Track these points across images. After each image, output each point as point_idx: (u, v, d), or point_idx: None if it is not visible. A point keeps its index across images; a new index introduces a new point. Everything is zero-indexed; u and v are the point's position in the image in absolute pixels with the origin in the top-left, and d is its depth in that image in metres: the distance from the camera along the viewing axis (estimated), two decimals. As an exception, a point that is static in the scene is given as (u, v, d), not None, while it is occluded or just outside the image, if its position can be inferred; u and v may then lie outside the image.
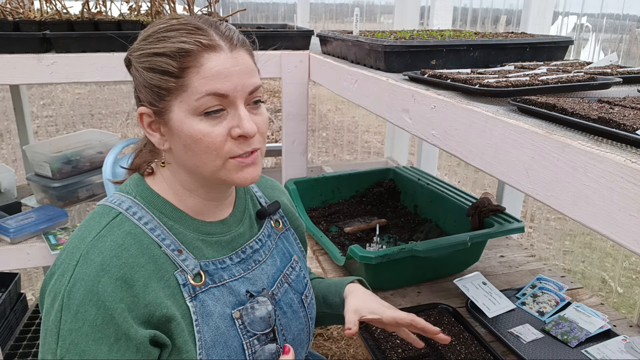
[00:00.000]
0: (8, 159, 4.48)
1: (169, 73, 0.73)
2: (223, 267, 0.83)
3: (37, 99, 6.18)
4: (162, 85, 0.74)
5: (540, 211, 3.82)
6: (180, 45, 0.72)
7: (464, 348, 1.21)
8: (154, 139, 0.79)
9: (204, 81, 0.72)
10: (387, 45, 1.15)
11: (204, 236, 0.83)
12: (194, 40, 0.72)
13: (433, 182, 1.88)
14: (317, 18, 4.57)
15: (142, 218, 0.78)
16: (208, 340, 0.77)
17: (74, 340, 0.69)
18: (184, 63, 0.72)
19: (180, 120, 0.74)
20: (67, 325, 0.69)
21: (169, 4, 1.64)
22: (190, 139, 0.74)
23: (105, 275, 0.71)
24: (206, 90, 0.72)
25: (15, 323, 2.05)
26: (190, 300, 0.77)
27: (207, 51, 0.73)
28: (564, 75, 0.94)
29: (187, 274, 0.77)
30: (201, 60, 0.72)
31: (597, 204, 0.58)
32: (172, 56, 0.72)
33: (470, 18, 3.48)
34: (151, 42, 0.75)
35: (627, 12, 2.98)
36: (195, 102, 0.73)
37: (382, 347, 1.22)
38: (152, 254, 0.76)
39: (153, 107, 0.76)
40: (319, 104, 6.22)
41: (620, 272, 3.17)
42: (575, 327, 1.27)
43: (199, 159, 0.76)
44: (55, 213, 1.69)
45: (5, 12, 1.48)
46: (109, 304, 0.69)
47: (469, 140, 0.82)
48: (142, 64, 0.75)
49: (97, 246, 0.73)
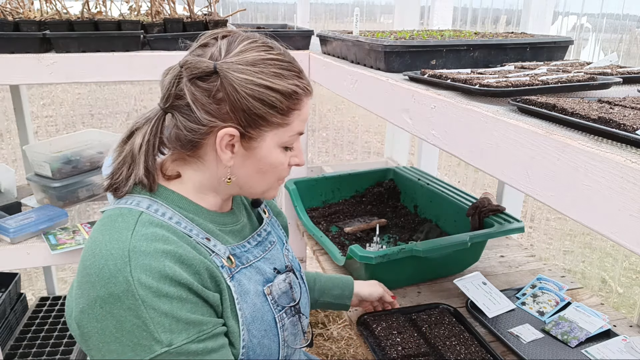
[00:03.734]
0: (8, 159, 4.48)
1: (277, 109, 0.80)
2: (246, 250, 0.89)
3: (37, 99, 6.19)
4: (265, 116, 0.79)
5: (540, 211, 3.82)
6: (294, 89, 0.81)
7: (463, 348, 1.20)
8: (225, 156, 0.81)
9: (300, 123, 0.84)
10: (387, 45, 1.15)
11: (220, 226, 0.87)
12: (304, 87, 0.83)
13: (433, 182, 1.88)
14: (317, 18, 4.57)
15: (165, 214, 0.79)
16: (248, 316, 0.82)
17: (171, 322, 0.70)
18: (292, 104, 0.81)
19: (269, 149, 0.83)
20: (155, 312, 0.69)
21: (169, 4, 1.64)
22: (269, 166, 0.84)
23: (165, 259, 0.71)
24: (298, 131, 0.85)
25: (15, 323, 2.05)
26: (230, 280, 0.81)
27: (306, 96, 0.84)
28: (564, 75, 0.94)
29: (221, 257, 0.82)
30: (301, 104, 0.83)
31: (597, 204, 0.58)
32: (286, 96, 0.80)
33: (470, 18, 3.48)
34: (265, 74, 0.79)
35: (627, 12, 2.98)
36: (288, 138, 0.83)
37: (382, 344, 1.21)
38: (188, 241, 0.78)
39: (244, 131, 0.80)
40: (319, 104, 6.22)
41: (620, 272, 3.17)
42: (575, 327, 1.27)
43: (264, 181, 0.87)
44: (55, 213, 1.69)
45: (5, 12, 1.48)
46: (184, 280, 0.72)
47: (469, 140, 0.82)
48: (250, 90, 0.77)
49: (140, 240, 0.72)
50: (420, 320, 1.32)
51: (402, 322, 1.29)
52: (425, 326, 1.29)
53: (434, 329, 1.28)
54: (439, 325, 1.29)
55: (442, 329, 1.28)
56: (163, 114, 0.82)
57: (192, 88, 0.78)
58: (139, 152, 0.82)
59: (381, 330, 1.27)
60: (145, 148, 0.82)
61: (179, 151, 0.84)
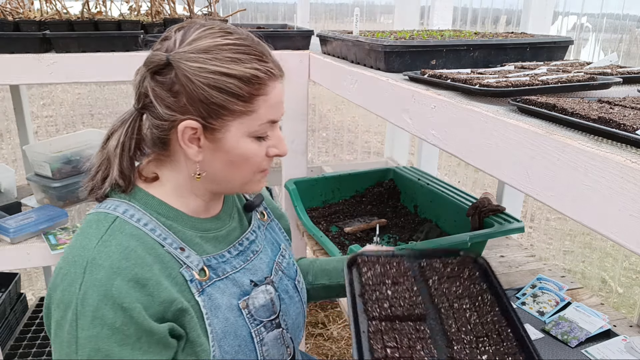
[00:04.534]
0: (8, 159, 4.48)
1: (238, 96, 0.75)
2: (224, 261, 0.85)
3: (37, 99, 6.18)
4: (226, 105, 0.75)
5: (540, 211, 3.82)
6: (254, 72, 0.75)
7: (476, 316, 0.91)
8: (190, 150, 0.78)
9: (268, 110, 0.78)
10: (387, 45, 1.15)
11: (201, 233, 0.84)
12: (265, 69, 0.77)
13: (433, 182, 1.88)
14: (317, 18, 4.57)
15: (140, 220, 0.78)
16: (219, 332, 0.79)
17: (95, 346, 0.69)
18: (254, 90, 0.76)
19: (236, 140, 0.78)
20: (84, 333, 0.69)
21: (169, 4, 1.64)
22: (240, 158, 0.79)
23: (117, 277, 0.71)
24: (269, 118, 0.79)
25: (15, 323, 2.05)
26: (198, 295, 0.78)
27: (272, 80, 0.78)
28: (564, 75, 0.94)
29: (192, 270, 0.79)
30: (266, 89, 0.77)
31: (597, 204, 0.58)
32: (243, 80, 0.75)
33: (470, 18, 3.48)
34: (218, 60, 0.74)
35: (627, 12, 2.98)
36: (257, 127, 0.78)
37: (366, 296, 0.95)
38: (157, 253, 0.76)
39: (206, 122, 0.76)
40: (319, 104, 6.21)
41: (620, 272, 3.17)
42: (575, 327, 1.27)
43: (239, 174, 0.82)
44: (55, 213, 1.69)
45: (5, 12, 1.48)
46: (127, 304, 0.69)
47: (469, 140, 0.82)
48: (205, 79, 0.73)
49: (103, 251, 0.73)
50: (431, 269, 1.03)
51: (403, 270, 1.01)
52: (434, 278, 1.00)
53: (444, 283, 0.98)
54: (452, 280, 1.00)
55: (455, 284, 0.98)
56: (138, 115, 0.82)
57: (152, 83, 0.77)
58: (113, 154, 0.81)
59: (371, 276, 1.00)
60: (120, 150, 0.81)
61: (154, 151, 0.84)
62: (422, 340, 0.84)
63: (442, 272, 1.02)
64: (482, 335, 0.86)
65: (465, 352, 0.82)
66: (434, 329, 0.89)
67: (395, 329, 0.87)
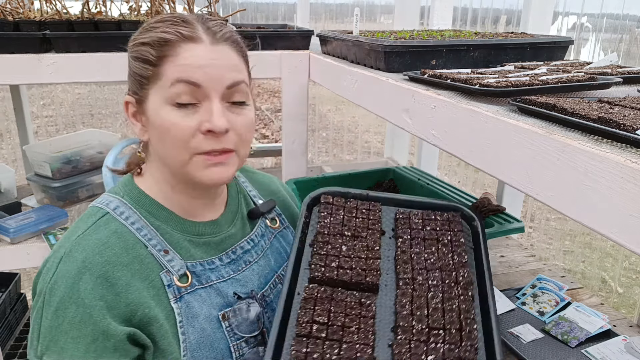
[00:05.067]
0: (8, 159, 4.48)
1: (148, 61, 0.74)
2: (211, 268, 0.81)
3: (37, 99, 6.18)
4: (143, 73, 0.74)
5: (540, 211, 3.82)
6: (161, 35, 0.73)
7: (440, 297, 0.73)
8: (136, 128, 0.79)
9: (177, 69, 0.72)
10: (387, 45, 1.15)
11: (192, 237, 0.82)
12: (174, 31, 0.73)
13: (433, 182, 1.88)
14: (317, 18, 4.57)
15: (129, 218, 0.78)
16: (193, 342, 0.76)
17: (53, 338, 0.69)
18: (162, 52, 0.73)
19: (155, 109, 0.74)
20: (47, 323, 0.70)
21: (169, 4, 1.64)
22: (161, 128, 0.73)
23: (86, 272, 0.71)
24: (177, 77, 0.72)
25: (15, 323, 2.05)
26: (175, 302, 0.76)
27: (185, 42, 0.73)
28: (564, 75, 0.94)
29: (172, 275, 0.76)
30: (178, 49, 0.72)
31: (597, 204, 0.58)
32: (153, 45, 0.73)
33: (470, 18, 3.48)
34: (141, 33, 0.77)
35: (627, 12, 2.98)
36: (167, 90, 0.72)
37: (315, 248, 0.81)
38: (137, 253, 0.75)
39: (135, 95, 0.77)
40: (319, 104, 6.22)
41: (620, 272, 3.17)
42: (575, 327, 1.27)
43: (169, 151, 0.75)
44: (55, 213, 1.69)
45: (5, 12, 1.48)
46: (88, 301, 0.69)
47: (469, 140, 0.82)
48: (131, 53, 0.77)
49: (81, 244, 0.74)
50: (405, 224, 0.85)
51: (372, 220, 0.85)
52: (406, 237, 0.82)
53: (417, 245, 0.81)
54: (429, 243, 0.82)
55: (430, 249, 0.80)
56: None
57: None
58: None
59: (329, 224, 0.83)
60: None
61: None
62: (362, 320, 0.69)
63: (419, 230, 0.83)
64: (438, 327, 0.69)
65: (408, 347, 0.66)
66: (384, 305, 0.73)
67: (333, 299, 0.72)
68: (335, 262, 0.77)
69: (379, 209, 0.88)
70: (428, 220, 0.86)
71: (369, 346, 0.66)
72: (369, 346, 0.66)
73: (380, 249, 0.81)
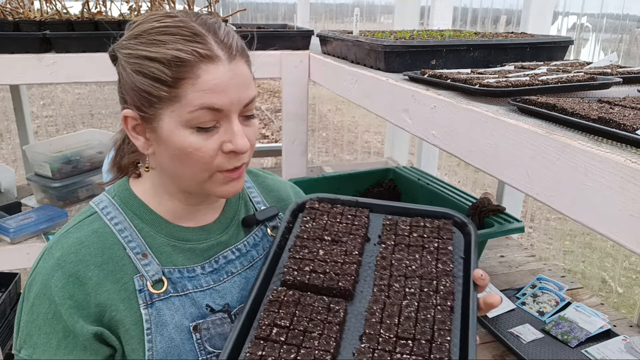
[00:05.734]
0: (8, 159, 4.48)
1: (162, 81, 0.68)
2: (191, 277, 0.78)
3: (37, 99, 6.18)
4: (153, 92, 0.69)
5: (540, 211, 3.82)
6: (175, 54, 0.67)
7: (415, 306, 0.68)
8: (138, 142, 0.75)
9: (199, 94, 0.67)
10: (387, 45, 1.15)
11: (176, 242, 0.79)
12: (191, 49, 0.67)
13: (433, 182, 1.88)
14: (317, 18, 4.57)
15: (114, 218, 0.78)
16: (160, 350, 0.73)
17: (29, 332, 0.71)
18: (179, 73, 0.67)
19: (171, 130, 0.69)
20: (24, 317, 0.72)
21: (169, 4, 1.64)
22: (179, 151, 0.70)
23: (59, 270, 0.71)
24: (201, 104, 0.67)
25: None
26: (145, 307, 0.73)
27: (204, 62, 0.67)
28: (564, 75, 0.94)
29: (146, 280, 0.74)
30: (198, 71, 0.67)
31: (597, 204, 0.58)
32: (167, 64, 0.67)
33: (470, 18, 3.48)
34: (143, 44, 0.69)
35: (627, 12, 2.98)
36: (188, 115, 0.68)
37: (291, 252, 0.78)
38: (113, 254, 0.74)
39: (140, 112, 0.71)
40: (319, 104, 6.22)
41: (620, 272, 3.17)
42: (575, 327, 1.27)
43: (186, 171, 0.73)
44: (55, 213, 1.69)
45: (5, 12, 1.48)
46: (58, 299, 0.70)
47: (469, 140, 0.82)
48: (132, 65, 0.70)
49: (61, 242, 0.75)
50: (391, 230, 0.81)
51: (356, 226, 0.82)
52: (389, 242, 0.79)
53: (399, 252, 0.77)
54: (413, 250, 0.77)
55: (414, 256, 0.76)
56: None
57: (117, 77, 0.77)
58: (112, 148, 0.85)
59: (311, 228, 0.81)
60: (119, 144, 0.84)
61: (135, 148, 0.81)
62: (327, 326, 0.67)
63: (405, 237, 0.79)
64: (407, 337, 0.65)
65: (371, 357, 0.62)
66: (356, 312, 0.70)
67: (300, 303, 0.70)
68: (309, 267, 0.74)
69: (367, 215, 0.85)
70: (416, 227, 0.81)
71: (329, 353, 0.63)
72: (328, 353, 0.63)
73: (360, 255, 0.77)
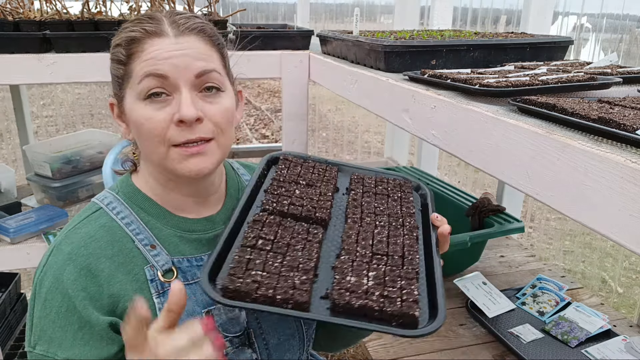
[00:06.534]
0: (8, 159, 4.48)
1: (120, 61, 0.76)
2: (199, 265, 0.81)
3: (37, 99, 6.19)
4: (117, 73, 0.77)
5: (540, 211, 3.82)
6: (129, 34, 0.75)
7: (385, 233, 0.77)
8: (121, 129, 0.81)
9: (144, 64, 0.73)
10: (387, 45, 1.15)
11: (182, 232, 0.82)
12: (140, 28, 0.75)
13: (433, 182, 1.88)
14: (317, 18, 4.57)
15: (120, 213, 0.80)
16: None
17: (43, 327, 0.72)
18: (130, 50, 0.75)
19: (130, 106, 0.76)
20: (37, 313, 0.73)
21: (169, 4, 1.64)
22: (136, 124, 0.75)
23: (71, 264, 0.73)
24: (144, 72, 0.73)
25: (15, 323, 2.05)
26: (157, 297, 0.76)
27: (150, 37, 0.74)
28: (564, 75, 0.94)
29: (156, 270, 0.77)
30: (144, 46, 0.74)
31: (597, 204, 0.58)
32: (123, 45, 0.76)
33: (470, 18, 3.48)
34: (116, 35, 0.79)
35: (627, 12, 2.98)
36: (138, 86, 0.74)
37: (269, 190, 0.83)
38: (122, 246, 0.77)
39: (116, 97, 0.80)
40: (319, 104, 6.22)
41: (620, 272, 3.17)
42: (575, 327, 1.27)
43: (147, 146, 0.76)
44: (55, 213, 1.69)
45: (5, 12, 1.48)
46: (71, 292, 0.71)
47: (469, 140, 0.82)
48: (110, 56, 0.80)
49: (69, 237, 0.76)
50: (359, 181, 0.91)
51: (327, 177, 0.90)
52: (358, 189, 0.88)
53: (368, 197, 0.86)
54: (379, 197, 0.87)
55: (380, 201, 0.85)
56: None
57: None
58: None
59: (286, 175, 0.87)
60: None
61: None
62: (308, 242, 0.72)
63: (372, 187, 0.89)
64: (381, 253, 0.72)
65: (351, 264, 0.69)
66: (330, 236, 0.77)
67: (281, 225, 0.75)
68: (287, 200, 0.80)
69: (336, 170, 0.93)
70: (380, 182, 0.92)
71: (312, 260, 0.68)
72: (312, 260, 0.68)
73: (332, 196, 0.85)
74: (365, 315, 0.62)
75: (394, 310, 0.62)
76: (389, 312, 0.62)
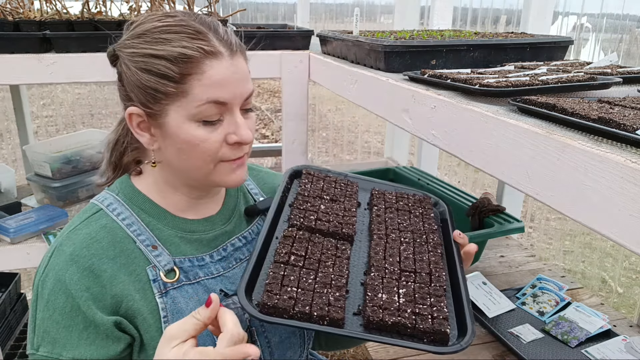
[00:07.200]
0: (8, 159, 4.48)
1: (169, 78, 0.71)
2: (201, 265, 0.82)
3: (37, 99, 6.19)
4: (160, 88, 0.72)
5: (540, 211, 3.82)
6: (181, 51, 0.71)
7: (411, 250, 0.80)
8: (143, 139, 0.78)
9: (205, 89, 0.72)
10: (387, 45, 1.15)
11: (183, 233, 0.83)
12: (196, 47, 0.71)
13: (433, 182, 1.88)
14: (317, 18, 4.58)
15: (120, 214, 0.80)
16: None
17: (46, 328, 0.72)
18: (185, 69, 0.71)
19: (178, 125, 0.73)
20: (40, 314, 0.73)
21: (169, 4, 1.64)
22: (186, 144, 0.74)
23: (73, 264, 0.73)
24: (207, 98, 0.72)
25: (15, 323, 2.05)
26: (160, 297, 0.76)
27: (208, 58, 0.72)
28: (564, 75, 0.94)
29: (158, 270, 0.78)
30: (203, 67, 0.71)
31: (597, 204, 0.58)
32: (173, 61, 0.71)
33: (470, 18, 3.48)
34: (148, 42, 0.73)
35: (627, 12, 2.98)
36: (195, 109, 0.72)
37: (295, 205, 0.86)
38: (124, 247, 0.77)
39: (146, 108, 0.75)
40: (319, 104, 6.22)
41: (620, 272, 3.17)
42: (575, 327, 1.27)
43: (193, 163, 0.76)
44: (55, 213, 1.69)
45: (5, 12, 1.48)
46: (75, 292, 0.72)
47: (469, 140, 0.82)
48: (137, 63, 0.73)
49: (71, 238, 0.76)
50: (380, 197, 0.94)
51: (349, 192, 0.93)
52: (380, 206, 0.90)
53: (390, 213, 0.89)
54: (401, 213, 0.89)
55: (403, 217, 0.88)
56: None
57: (117, 77, 0.80)
58: (106, 149, 0.87)
59: (310, 189, 0.90)
60: (113, 145, 0.86)
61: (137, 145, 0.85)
62: (337, 258, 0.75)
63: (393, 203, 0.92)
64: (409, 270, 0.75)
65: (381, 281, 0.71)
66: (358, 251, 0.79)
67: (311, 241, 0.77)
68: (313, 215, 0.82)
69: (357, 185, 0.96)
70: (401, 198, 0.94)
71: (344, 277, 0.71)
72: (343, 277, 0.71)
73: (356, 211, 0.88)
74: (398, 332, 0.64)
75: (426, 327, 0.64)
76: (421, 329, 0.64)
